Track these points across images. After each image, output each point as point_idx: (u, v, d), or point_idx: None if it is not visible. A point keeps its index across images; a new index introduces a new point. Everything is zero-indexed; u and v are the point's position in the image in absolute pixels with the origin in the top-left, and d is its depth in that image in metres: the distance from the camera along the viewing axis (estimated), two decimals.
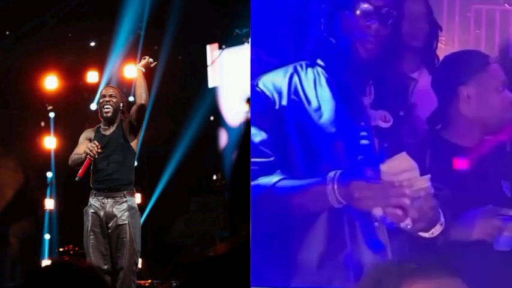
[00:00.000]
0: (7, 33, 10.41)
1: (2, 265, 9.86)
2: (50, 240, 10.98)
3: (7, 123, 10.72)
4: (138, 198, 6.27)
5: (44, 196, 10.97)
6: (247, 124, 3.22)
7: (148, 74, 5.88)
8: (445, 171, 3.63)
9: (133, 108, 5.61)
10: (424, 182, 3.49)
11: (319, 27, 3.75)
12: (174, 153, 10.27)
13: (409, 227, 3.50)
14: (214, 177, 10.64)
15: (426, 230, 3.53)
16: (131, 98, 7.98)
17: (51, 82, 10.95)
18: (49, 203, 10.99)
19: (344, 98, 3.69)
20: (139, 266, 6.55)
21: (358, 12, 3.42)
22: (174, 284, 8.64)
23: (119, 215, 5.50)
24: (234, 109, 10.23)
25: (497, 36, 3.88)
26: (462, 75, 3.71)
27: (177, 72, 10.45)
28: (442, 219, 3.52)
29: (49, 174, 11.08)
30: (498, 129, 3.70)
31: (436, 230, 3.52)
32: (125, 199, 5.54)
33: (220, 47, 10.69)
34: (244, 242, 2.90)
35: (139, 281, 8.22)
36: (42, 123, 11.24)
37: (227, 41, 10.53)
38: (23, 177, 10.03)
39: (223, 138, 10.37)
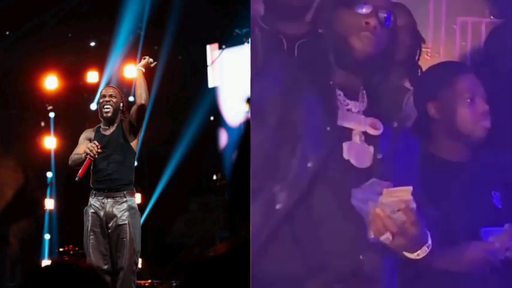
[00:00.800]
0: (7, 33, 10.41)
1: (2, 265, 9.86)
2: (50, 240, 10.98)
3: (7, 123, 10.72)
4: (138, 198, 6.27)
5: (44, 196, 10.96)
6: (247, 124, 3.20)
7: (148, 74, 5.87)
8: (434, 188, 3.51)
9: (133, 108, 5.61)
10: (405, 194, 3.20)
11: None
12: (174, 153, 10.27)
13: (388, 241, 3.28)
14: (214, 177, 10.63)
15: (411, 251, 3.30)
16: (131, 98, 7.98)
17: (51, 82, 10.94)
18: (49, 203, 10.99)
19: (337, 104, 3.59)
20: (139, 266, 6.55)
21: (357, 10, 3.38)
22: (174, 284, 8.64)
23: (119, 215, 5.50)
24: (234, 109, 10.23)
25: (482, 48, 3.86)
26: (431, 90, 3.66)
27: (177, 72, 10.45)
28: (430, 241, 3.31)
29: (49, 174, 11.08)
30: (475, 139, 3.62)
31: (422, 252, 3.29)
32: (125, 199, 5.54)
33: (220, 47, 10.69)
34: (244, 242, 2.90)
35: (139, 281, 8.22)
36: (42, 123, 11.23)
37: (227, 41, 10.53)
38: (23, 177, 10.03)
39: (223, 138, 10.37)
